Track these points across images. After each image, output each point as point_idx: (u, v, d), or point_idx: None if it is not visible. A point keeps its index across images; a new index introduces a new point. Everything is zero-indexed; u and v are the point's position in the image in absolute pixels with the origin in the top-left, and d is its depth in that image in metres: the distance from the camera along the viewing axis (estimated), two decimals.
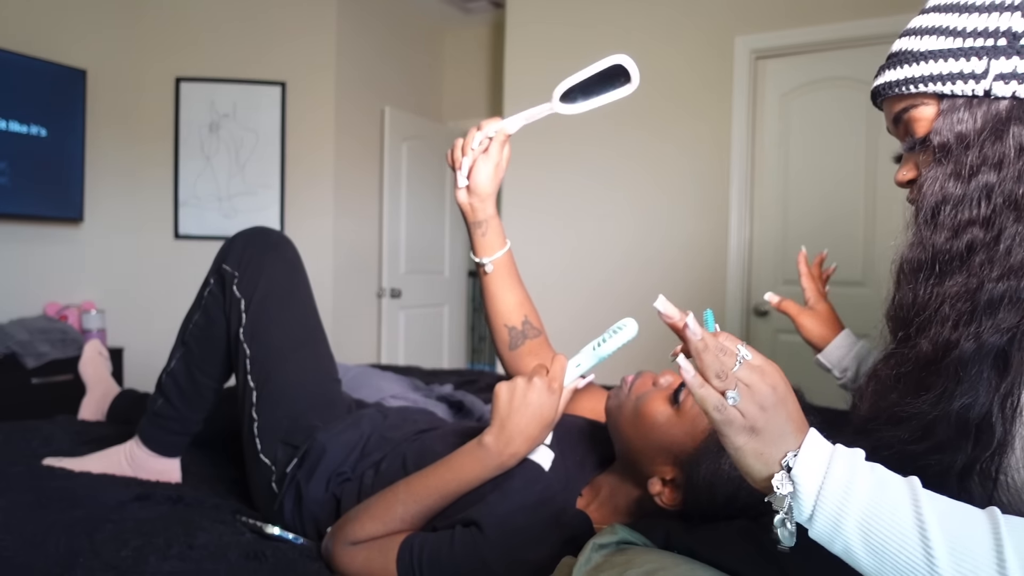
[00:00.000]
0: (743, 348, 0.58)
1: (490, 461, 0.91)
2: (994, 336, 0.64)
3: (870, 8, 2.75)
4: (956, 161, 0.68)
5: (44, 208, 3.01)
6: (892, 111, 0.76)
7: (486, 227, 1.14)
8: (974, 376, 0.64)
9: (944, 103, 0.70)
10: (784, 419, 0.56)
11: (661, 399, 0.92)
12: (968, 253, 0.67)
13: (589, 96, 1.02)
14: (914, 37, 0.75)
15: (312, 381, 1.27)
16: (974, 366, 0.64)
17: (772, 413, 0.56)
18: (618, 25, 3.29)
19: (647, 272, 3.23)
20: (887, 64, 0.77)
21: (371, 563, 0.91)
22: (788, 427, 0.56)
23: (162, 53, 3.46)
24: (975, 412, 0.64)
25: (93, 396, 1.77)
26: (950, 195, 0.69)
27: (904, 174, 0.78)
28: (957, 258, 0.68)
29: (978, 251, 0.66)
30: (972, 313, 0.65)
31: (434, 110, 4.54)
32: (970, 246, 0.67)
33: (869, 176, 2.82)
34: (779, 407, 0.56)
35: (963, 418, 0.64)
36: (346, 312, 3.75)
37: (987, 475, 0.63)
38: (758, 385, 0.56)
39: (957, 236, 0.68)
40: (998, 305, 0.64)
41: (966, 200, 0.67)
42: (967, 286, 0.66)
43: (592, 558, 0.72)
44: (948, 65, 0.68)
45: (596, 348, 0.94)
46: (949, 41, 0.69)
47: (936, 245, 0.69)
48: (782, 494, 0.55)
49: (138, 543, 0.98)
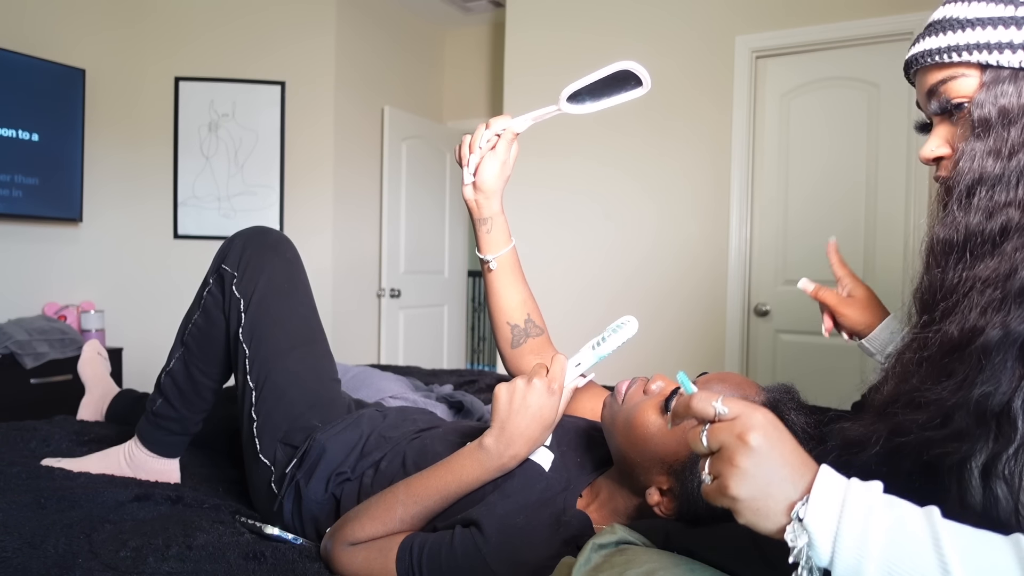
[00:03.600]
0: (718, 404, 0.56)
1: (490, 463, 0.91)
2: (1022, 325, 0.61)
3: (870, 8, 2.75)
4: (996, 137, 0.64)
5: (43, 208, 3.00)
6: (927, 83, 0.72)
7: (491, 224, 1.14)
8: (997, 365, 0.61)
9: (988, 74, 0.65)
10: (777, 465, 0.54)
11: (652, 409, 0.91)
12: (1002, 237, 0.64)
13: (598, 98, 1.02)
14: (961, 3, 0.68)
15: (311, 381, 1.26)
16: (998, 354, 0.62)
17: (757, 465, 0.53)
18: (618, 24, 3.29)
19: (647, 271, 3.22)
20: (926, 32, 0.71)
21: (371, 563, 0.91)
22: (784, 472, 0.54)
23: (161, 53, 3.45)
24: (995, 401, 0.61)
25: (92, 396, 1.77)
26: (988, 174, 0.65)
27: (932, 150, 0.73)
28: (990, 241, 0.64)
29: (1012, 235, 0.63)
30: (1002, 300, 0.62)
31: (434, 110, 4.53)
32: (1004, 229, 0.63)
33: (870, 176, 2.82)
34: (766, 456, 0.54)
35: (982, 407, 0.62)
36: (346, 312, 3.75)
37: (1013, 474, 0.60)
38: (730, 442, 0.55)
39: (991, 218, 0.64)
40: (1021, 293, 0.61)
41: (1004, 180, 0.64)
42: (998, 271, 0.63)
43: (592, 558, 0.72)
44: (997, 33, 0.64)
45: (596, 347, 0.93)
46: (1000, 8, 0.64)
47: (969, 226, 0.65)
48: (797, 546, 0.52)
49: (137, 543, 0.98)
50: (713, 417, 0.57)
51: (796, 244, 2.98)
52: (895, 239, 2.77)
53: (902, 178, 2.76)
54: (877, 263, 2.79)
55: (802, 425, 0.85)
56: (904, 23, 2.68)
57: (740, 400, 0.58)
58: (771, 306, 3.02)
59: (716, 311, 3.08)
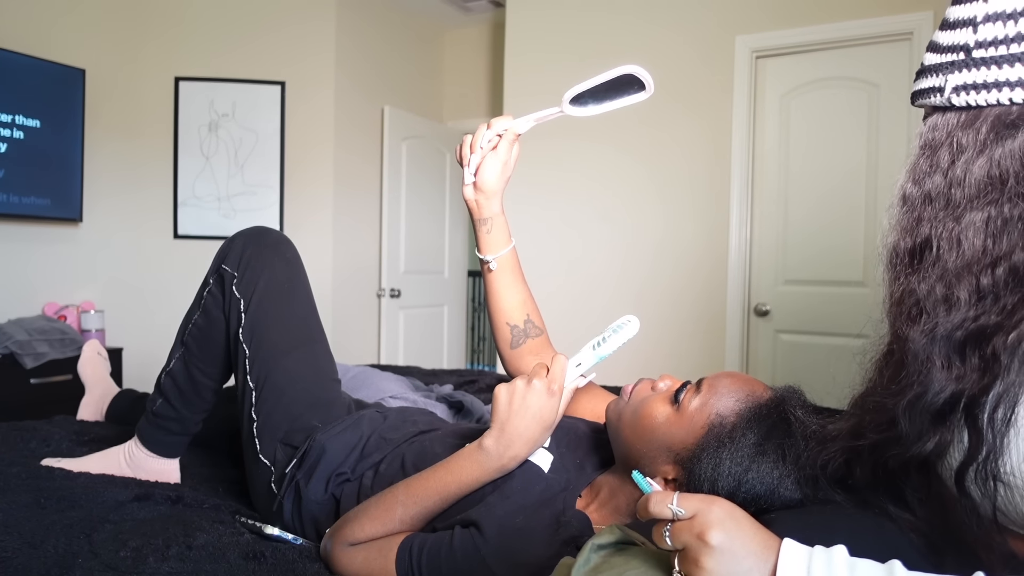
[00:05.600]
0: (674, 505, 0.58)
1: (490, 464, 0.91)
2: (942, 331, 0.67)
3: (870, 8, 2.75)
4: (919, 163, 0.74)
5: (43, 208, 3.00)
6: None
7: (491, 224, 1.14)
8: (924, 372, 0.67)
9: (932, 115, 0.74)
10: (740, 556, 0.56)
11: (661, 401, 0.92)
12: (920, 251, 0.71)
13: (600, 101, 1.02)
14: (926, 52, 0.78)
15: (311, 381, 1.26)
16: (923, 357, 0.68)
17: (721, 563, 0.55)
18: (618, 24, 3.29)
19: (647, 271, 3.23)
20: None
21: (370, 564, 0.91)
22: (748, 563, 0.56)
23: (161, 53, 3.45)
24: (924, 405, 0.67)
25: (92, 396, 1.77)
26: (908, 195, 0.74)
27: None
28: (911, 256, 0.72)
29: (929, 250, 0.70)
30: (921, 310, 0.69)
31: (434, 110, 4.53)
32: (921, 246, 0.71)
33: (870, 175, 2.82)
34: (727, 551, 0.56)
35: (913, 410, 0.67)
36: (346, 312, 3.75)
37: (985, 478, 0.64)
38: (692, 543, 0.56)
39: (908, 235, 0.73)
40: (940, 303, 0.68)
41: (916, 201, 0.73)
42: (918, 282, 0.70)
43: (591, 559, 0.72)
44: (929, 80, 0.73)
45: (597, 347, 0.93)
46: (935, 57, 0.73)
47: (894, 242, 0.75)
48: None
49: (137, 543, 0.98)
50: (672, 517, 0.58)
51: (796, 244, 2.98)
52: None
53: None
54: (877, 263, 2.79)
55: (808, 424, 0.85)
56: (904, 23, 2.68)
57: (695, 497, 0.59)
58: (771, 306, 3.03)
59: (716, 311, 3.08)
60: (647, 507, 0.60)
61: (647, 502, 0.60)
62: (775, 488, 0.80)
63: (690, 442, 0.87)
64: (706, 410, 0.88)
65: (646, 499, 0.60)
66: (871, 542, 0.65)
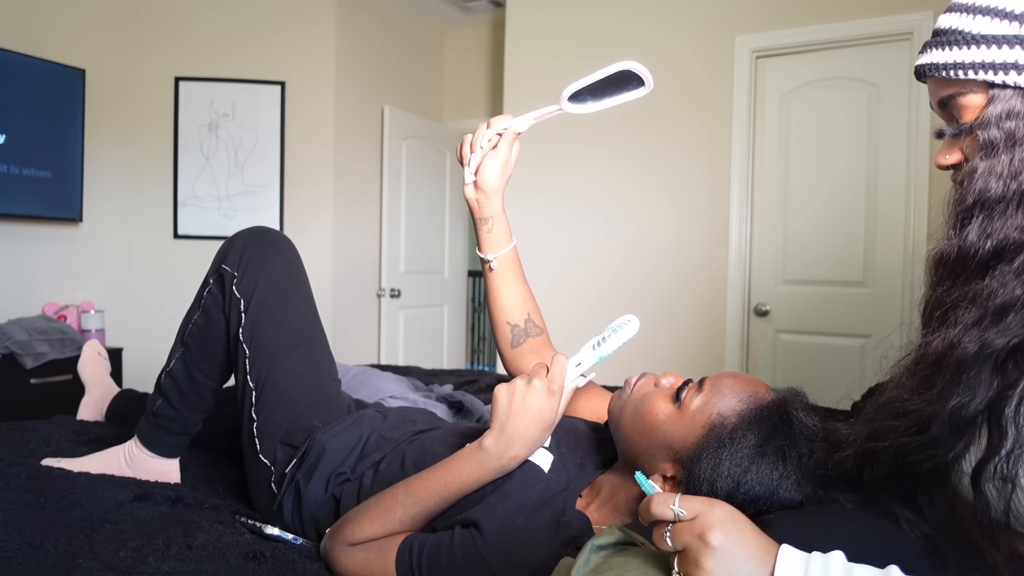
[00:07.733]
0: (676, 506, 0.59)
1: (490, 464, 0.91)
2: (999, 340, 0.62)
3: (870, 8, 2.75)
4: (1000, 159, 0.65)
5: (43, 208, 3.00)
6: (938, 94, 0.72)
7: (492, 224, 1.14)
8: (972, 378, 0.64)
9: (994, 92, 0.65)
10: (740, 559, 0.56)
11: (663, 398, 0.92)
12: (995, 258, 0.65)
13: (599, 98, 1.01)
14: (965, 15, 0.67)
15: (311, 381, 1.26)
16: (973, 368, 0.64)
17: (720, 564, 0.56)
18: (618, 24, 3.29)
19: (647, 271, 3.22)
20: (934, 42, 0.71)
21: (370, 564, 0.91)
22: (747, 566, 0.56)
23: (161, 53, 3.45)
24: (968, 412, 0.64)
25: (92, 396, 1.77)
26: (989, 195, 0.65)
27: (947, 158, 0.73)
28: (982, 260, 0.65)
29: (1005, 256, 0.64)
30: (980, 317, 0.64)
31: (434, 110, 4.53)
32: (998, 251, 0.64)
33: (870, 176, 2.82)
34: (728, 553, 0.56)
35: (956, 417, 0.64)
36: (346, 312, 3.75)
37: (1007, 477, 0.62)
38: (692, 543, 0.57)
39: (987, 238, 0.65)
40: (1008, 311, 0.63)
41: (1003, 202, 0.64)
42: (985, 289, 0.64)
43: (591, 559, 0.72)
44: (1002, 53, 0.63)
45: (597, 347, 0.93)
46: (1004, 26, 0.63)
47: (963, 245, 0.67)
48: None
49: (137, 543, 0.98)
50: (673, 518, 0.59)
51: (796, 244, 2.98)
52: (895, 239, 2.77)
53: (902, 178, 2.76)
54: (877, 263, 2.79)
55: (810, 426, 0.85)
56: (904, 23, 2.68)
57: (697, 499, 0.60)
58: (771, 306, 3.02)
59: (716, 311, 3.08)
60: (649, 508, 0.61)
61: (649, 503, 0.61)
62: (774, 489, 0.80)
63: (690, 441, 0.87)
64: (707, 410, 0.88)
65: (648, 500, 0.61)
66: (869, 544, 0.65)
